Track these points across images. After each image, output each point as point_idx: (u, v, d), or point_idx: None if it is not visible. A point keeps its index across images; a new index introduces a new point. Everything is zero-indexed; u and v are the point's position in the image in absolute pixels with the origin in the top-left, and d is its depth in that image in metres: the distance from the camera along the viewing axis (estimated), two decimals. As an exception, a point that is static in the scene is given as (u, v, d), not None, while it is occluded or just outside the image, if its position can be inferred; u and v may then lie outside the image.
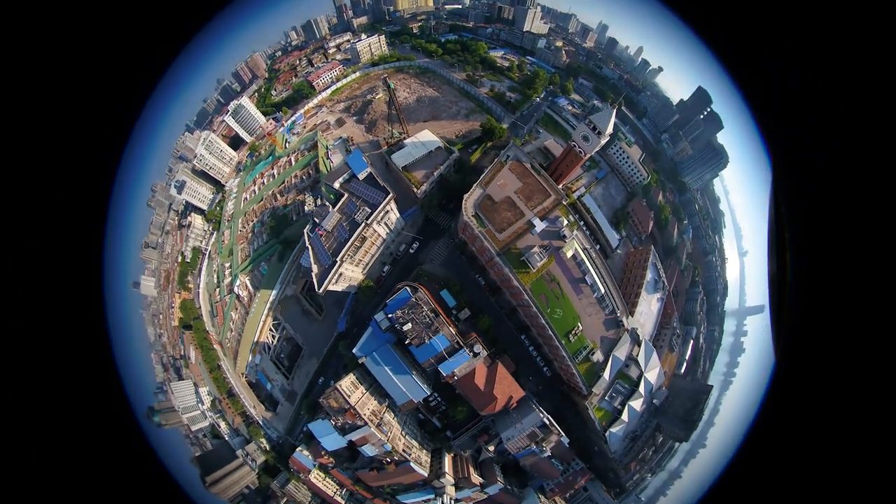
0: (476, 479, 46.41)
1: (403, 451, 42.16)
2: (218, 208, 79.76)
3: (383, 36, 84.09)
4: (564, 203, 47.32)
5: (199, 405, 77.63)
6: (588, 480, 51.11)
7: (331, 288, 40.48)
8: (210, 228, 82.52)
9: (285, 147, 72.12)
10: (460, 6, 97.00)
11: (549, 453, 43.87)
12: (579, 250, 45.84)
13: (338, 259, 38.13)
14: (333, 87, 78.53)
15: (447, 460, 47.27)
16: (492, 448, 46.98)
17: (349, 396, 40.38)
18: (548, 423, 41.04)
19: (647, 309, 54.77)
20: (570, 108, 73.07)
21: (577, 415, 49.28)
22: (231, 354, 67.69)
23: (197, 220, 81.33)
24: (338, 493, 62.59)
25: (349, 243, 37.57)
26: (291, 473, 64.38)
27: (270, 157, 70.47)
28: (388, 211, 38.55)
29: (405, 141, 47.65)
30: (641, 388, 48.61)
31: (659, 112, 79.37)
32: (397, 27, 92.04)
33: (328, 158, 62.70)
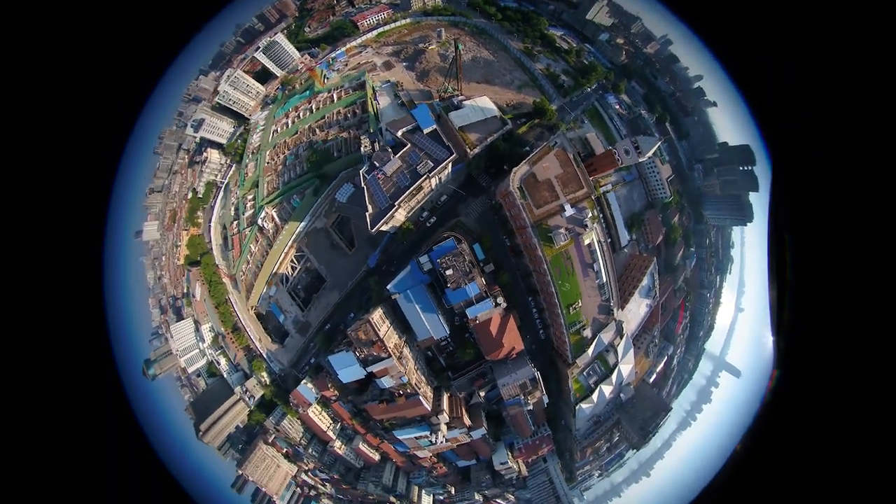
0: (466, 420, 62.76)
1: (416, 384, 56.98)
2: (239, 141, 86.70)
3: None
4: (592, 197, 62.30)
5: (199, 343, 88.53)
6: (549, 451, 69.92)
7: (375, 230, 52.77)
8: (228, 161, 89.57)
9: (325, 83, 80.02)
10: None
11: (530, 407, 60.71)
12: (595, 241, 61.28)
13: (395, 203, 49.26)
14: (380, 30, 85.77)
15: (445, 399, 63.09)
16: (482, 394, 63.22)
17: (378, 329, 53.84)
18: (537, 377, 57.46)
19: (636, 309, 72.41)
20: (617, 107, 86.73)
21: (556, 383, 66.49)
22: (244, 287, 78.08)
23: (213, 155, 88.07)
24: (330, 427, 78.08)
25: (408, 191, 49.56)
26: (289, 408, 78.52)
27: (308, 92, 77.63)
28: (446, 167, 51.01)
29: (465, 103, 58.90)
30: (613, 377, 66.59)
31: (700, 142, 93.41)
32: None
33: (375, 100, 72.31)
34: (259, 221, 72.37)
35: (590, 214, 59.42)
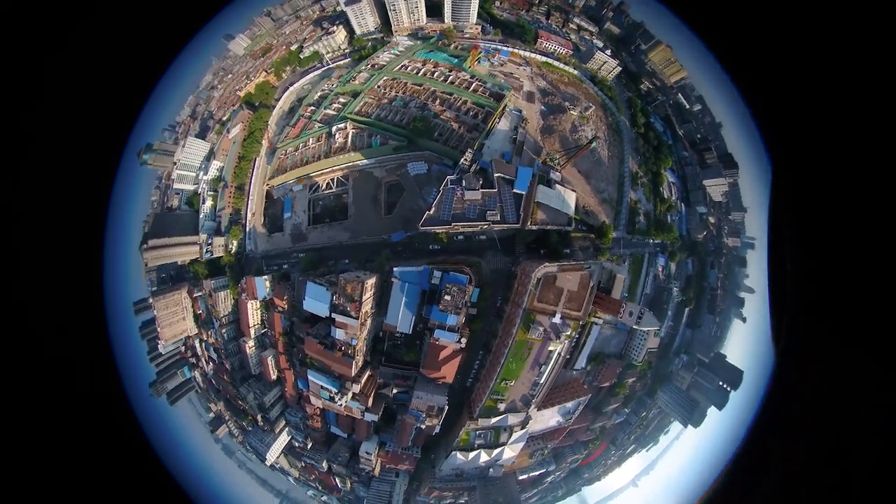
0: (369, 402, 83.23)
1: (357, 350, 76.29)
2: (369, 45, 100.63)
3: (619, 68, 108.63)
4: (581, 322, 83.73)
5: (200, 172, 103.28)
6: (407, 470, 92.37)
7: (423, 229, 70.86)
8: (347, 51, 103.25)
9: (474, 66, 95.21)
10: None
11: (422, 426, 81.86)
12: (557, 351, 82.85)
13: (453, 224, 67.32)
14: (549, 60, 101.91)
15: (367, 374, 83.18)
16: (395, 391, 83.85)
17: (362, 291, 72.27)
18: (444, 409, 78.55)
19: (548, 418, 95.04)
20: (660, 269, 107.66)
21: (451, 424, 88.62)
22: (276, 164, 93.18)
23: (340, 35, 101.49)
24: (256, 327, 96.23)
25: (469, 224, 68.26)
26: (234, 286, 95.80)
27: (456, 61, 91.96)
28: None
29: (556, 185, 77.44)
30: (495, 451, 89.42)
31: (702, 341, 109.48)
32: (633, 69, 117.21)
33: (498, 119, 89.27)
34: (333, 128, 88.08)
35: (568, 332, 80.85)
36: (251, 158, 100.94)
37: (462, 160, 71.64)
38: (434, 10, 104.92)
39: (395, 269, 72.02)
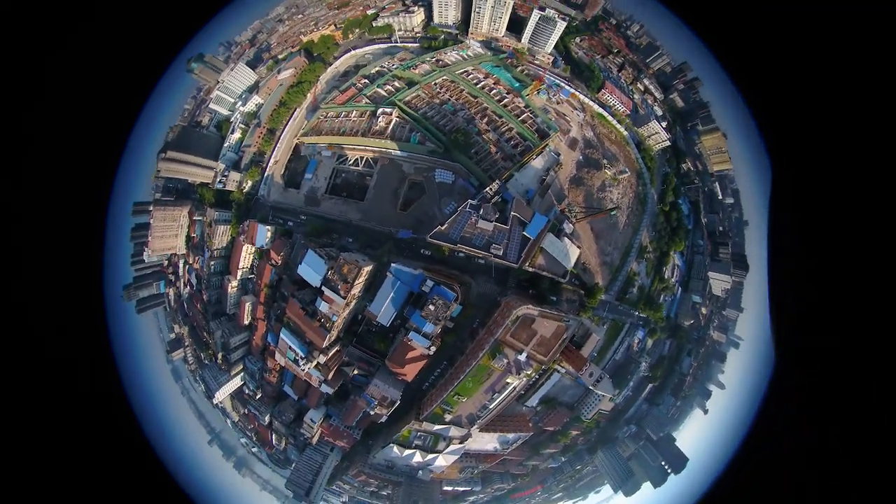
0: (330, 374, 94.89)
1: (335, 325, 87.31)
2: (442, 37, 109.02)
3: (668, 142, 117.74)
4: (543, 367, 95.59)
5: (239, 101, 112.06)
6: (341, 447, 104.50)
7: (430, 240, 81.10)
8: (417, 35, 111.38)
9: (533, 97, 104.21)
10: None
11: (371, 412, 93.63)
12: (513, 384, 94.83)
13: (458, 246, 77.61)
14: (604, 112, 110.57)
15: (335, 349, 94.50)
16: (356, 371, 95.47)
17: (357, 276, 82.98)
18: (396, 402, 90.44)
19: (486, 441, 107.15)
20: (635, 342, 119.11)
21: (397, 418, 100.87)
22: (314, 123, 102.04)
23: (417, 17, 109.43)
24: (244, 271, 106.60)
25: (473, 249, 78.58)
26: (234, 224, 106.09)
27: (518, 85, 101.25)
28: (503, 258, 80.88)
29: (564, 236, 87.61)
30: (430, 456, 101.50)
31: (657, 420, 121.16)
32: (682, 146, 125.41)
33: (536, 157, 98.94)
34: (379, 110, 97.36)
35: (529, 371, 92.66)
36: (292, 107, 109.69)
37: (488, 188, 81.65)
38: (515, 26, 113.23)
39: (392, 264, 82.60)
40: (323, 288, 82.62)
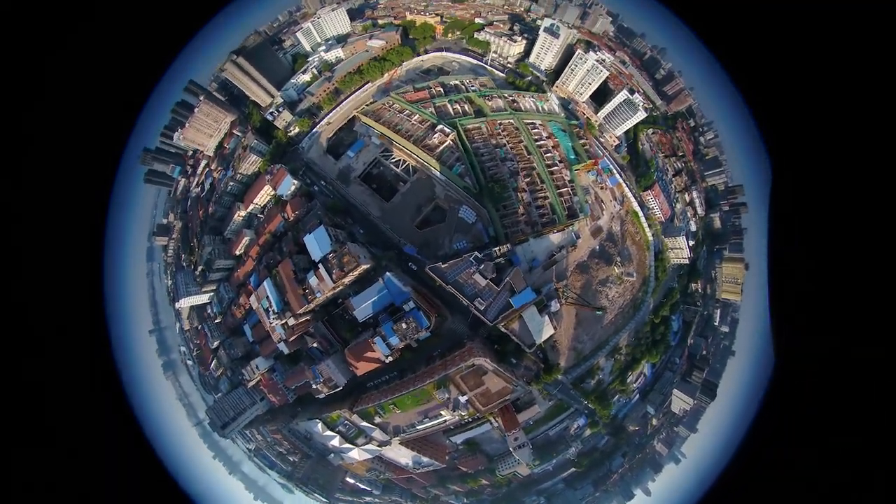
0: (292, 336, 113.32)
1: (316, 300, 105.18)
2: (528, 78, 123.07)
3: (687, 262, 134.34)
4: (478, 415, 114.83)
5: (321, 47, 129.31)
6: (270, 401, 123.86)
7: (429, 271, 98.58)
8: (506, 65, 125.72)
9: (583, 175, 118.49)
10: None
11: (313, 385, 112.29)
12: (444, 419, 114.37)
13: (448, 287, 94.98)
14: (640, 214, 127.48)
15: (305, 318, 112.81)
16: (315, 344, 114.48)
17: (353, 269, 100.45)
18: (339, 386, 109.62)
19: (401, 455, 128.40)
20: (574, 427, 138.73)
21: (335, 401, 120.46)
22: (375, 109, 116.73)
23: (516, 48, 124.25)
24: (254, 209, 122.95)
25: (459, 293, 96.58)
26: (265, 159, 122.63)
27: (573, 157, 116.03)
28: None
29: (546, 312, 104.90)
30: (347, 445, 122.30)
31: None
32: (698, 267, 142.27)
33: (556, 232, 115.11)
34: (440, 126, 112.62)
35: (464, 413, 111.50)
36: (366, 79, 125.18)
37: (497, 249, 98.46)
38: (597, 96, 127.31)
39: (388, 273, 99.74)
40: (320, 265, 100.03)
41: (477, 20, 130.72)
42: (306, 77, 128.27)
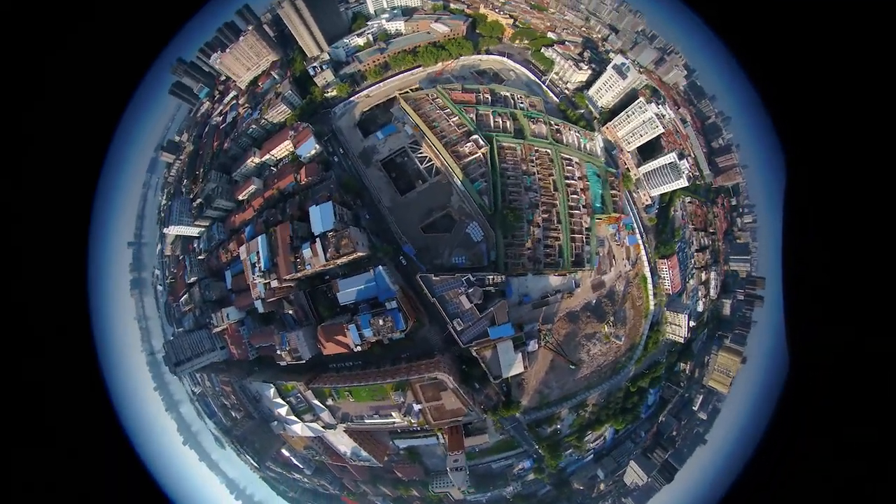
0: (269, 298, 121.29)
1: (305, 272, 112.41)
2: (581, 112, 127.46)
3: (683, 341, 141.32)
4: (428, 426, 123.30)
5: (386, 13, 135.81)
6: (231, 352, 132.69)
7: (419, 279, 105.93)
8: (565, 92, 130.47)
9: (601, 226, 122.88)
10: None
11: (276, 350, 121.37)
12: (393, 420, 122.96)
13: (433, 300, 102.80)
14: (649, 280, 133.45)
15: (290, 285, 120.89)
16: (288, 312, 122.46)
17: (349, 254, 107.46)
18: (302, 359, 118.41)
19: (342, 442, 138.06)
20: (518, 468, 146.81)
21: (288, 369, 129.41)
22: (420, 95, 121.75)
23: (580, 76, 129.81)
24: (271, 157, 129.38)
25: (441, 309, 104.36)
26: (295, 114, 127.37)
27: (598, 204, 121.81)
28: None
29: (521, 351, 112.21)
30: (288, 416, 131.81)
31: None
32: (693, 349, 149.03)
33: (556, 275, 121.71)
34: (474, 136, 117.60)
35: (414, 421, 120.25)
36: (417, 63, 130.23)
37: (491, 277, 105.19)
38: (644, 150, 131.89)
39: (380, 266, 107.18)
40: (318, 239, 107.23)
41: (549, 34, 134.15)
42: (360, 41, 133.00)
